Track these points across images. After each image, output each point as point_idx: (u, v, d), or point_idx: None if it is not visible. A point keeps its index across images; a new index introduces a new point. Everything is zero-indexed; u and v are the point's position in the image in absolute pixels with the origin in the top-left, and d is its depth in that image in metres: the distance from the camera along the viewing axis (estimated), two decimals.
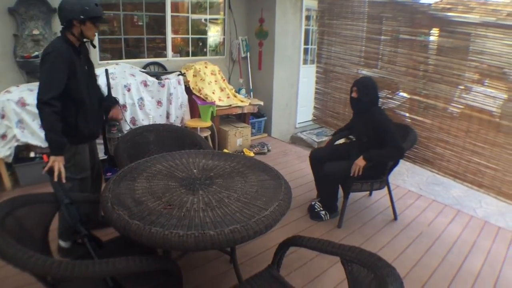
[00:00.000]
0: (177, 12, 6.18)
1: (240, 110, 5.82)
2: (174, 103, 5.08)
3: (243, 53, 6.71)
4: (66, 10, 2.62)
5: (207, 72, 5.65)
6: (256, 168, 2.61)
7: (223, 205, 2.06)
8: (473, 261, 3.45)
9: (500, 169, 3.53)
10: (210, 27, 6.72)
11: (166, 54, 5.95)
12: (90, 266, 1.55)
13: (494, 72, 3.51)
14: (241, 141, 5.75)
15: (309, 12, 7.21)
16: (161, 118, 5.04)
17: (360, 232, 3.75)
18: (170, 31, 5.88)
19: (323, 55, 5.14)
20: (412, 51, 4.07)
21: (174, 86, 5.08)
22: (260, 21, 6.61)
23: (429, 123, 3.96)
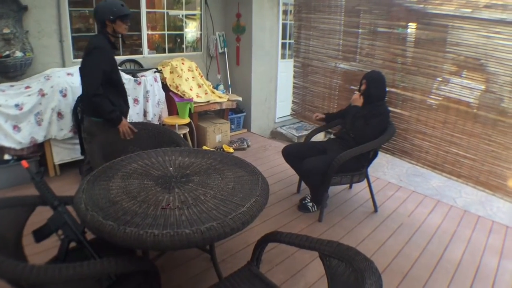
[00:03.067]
0: (154, 8, 6.10)
1: (219, 106, 5.78)
2: (151, 101, 5.01)
3: (221, 49, 6.67)
4: (99, 14, 3.19)
5: (184, 68, 5.59)
6: (233, 164, 2.58)
7: (199, 202, 2.04)
8: (453, 250, 3.50)
9: (478, 159, 3.57)
10: (187, 23, 6.66)
11: (142, 51, 5.87)
12: (63, 270, 1.50)
13: (471, 64, 3.54)
14: (220, 137, 5.72)
15: (286, 6, 7.20)
16: (138, 116, 4.97)
17: (341, 225, 3.76)
18: (145, 27, 5.80)
19: (300, 49, 5.13)
20: (389, 44, 4.09)
21: (150, 84, 5.01)
22: (237, 16, 6.57)
23: (407, 115, 3.99)
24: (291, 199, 4.20)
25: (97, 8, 3.23)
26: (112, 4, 3.19)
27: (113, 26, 3.24)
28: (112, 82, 3.30)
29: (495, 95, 3.41)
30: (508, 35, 3.25)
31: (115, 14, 3.18)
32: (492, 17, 3.34)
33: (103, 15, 3.18)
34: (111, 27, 3.24)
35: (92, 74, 3.13)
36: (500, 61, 3.33)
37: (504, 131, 3.37)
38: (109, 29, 3.25)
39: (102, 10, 3.19)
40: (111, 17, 3.18)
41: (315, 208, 3.92)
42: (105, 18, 3.18)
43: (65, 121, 4.35)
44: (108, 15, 3.17)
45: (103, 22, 3.21)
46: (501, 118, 3.38)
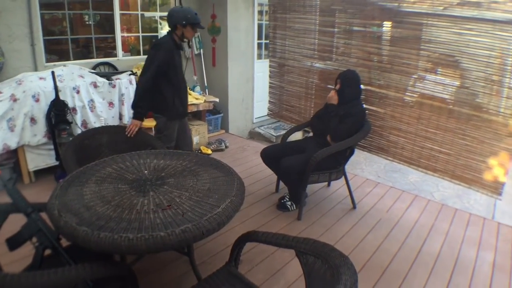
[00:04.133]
0: (128, 10, 6.04)
1: (196, 108, 5.75)
2: (126, 104, 4.96)
3: (196, 50, 6.65)
4: (173, 17, 3.54)
5: None
6: (209, 166, 2.58)
7: (174, 205, 2.02)
8: (432, 244, 3.56)
9: (453, 153, 3.64)
10: (163, 25, 6.61)
11: (116, 53, 5.81)
12: (37, 277, 1.47)
13: (444, 60, 3.61)
14: (198, 139, 5.69)
15: (261, 7, 7.22)
16: (114, 120, 4.91)
17: (319, 223, 3.79)
18: (119, 30, 5.73)
19: (276, 49, 5.14)
20: (364, 42, 4.14)
21: (125, 86, 4.96)
22: (212, 17, 6.56)
23: (382, 112, 4.04)
24: (270, 198, 4.21)
25: (172, 12, 3.58)
26: (187, 11, 3.56)
27: (182, 30, 3.57)
28: (169, 81, 3.63)
29: (469, 90, 3.48)
30: (479, 31, 3.32)
31: (188, 20, 3.52)
32: (463, 14, 3.41)
33: (176, 19, 3.52)
34: (180, 30, 3.57)
35: (148, 67, 3.49)
36: (472, 57, 3.40)
37: (477, 125, 3.45)
38: (178, 32, 3.59)
39: (176, 15, 3.53)
40: (184, 23, 3.52)
41: (294, 207, 3.94)
42: (178, 22, 3.52)
43: (39, 126, 4.27)
44: (181, 20, 3.51)
45: (175, 25, 3.55)
46: (475, 113, 3.45)
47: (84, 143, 3.29)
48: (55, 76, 4.24)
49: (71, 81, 4.51)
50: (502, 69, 3.28)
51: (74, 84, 4.50)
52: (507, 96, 3.26)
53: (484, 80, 3.35)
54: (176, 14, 3.54)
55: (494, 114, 3.36)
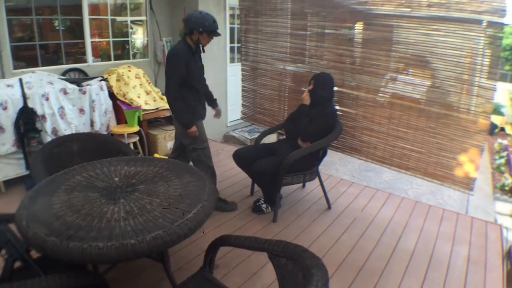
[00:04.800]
0: (99, 14, 5.96)
1: (169, 113, 5.67)
2: (97, 110, 4.89)
3: None
4: (191, 22, 3.46)
5: (131, 76, 5.49)
6: (180, 171, 2.56)
7: (145, 211, 2.00)
8: (407, 241, 3.62)
9: (424, 151, 3.72)
10: (134, 29, 6.54)
11: (86, 59, 5.72)
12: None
13: (413, 61, 3.68)
14: (172, 144, 5.63)
15: (233, 10, 7.22)
16: (85, 127, 4.84)
17: (295, 224, 3.81)
18: (89, 35, 5.65)
19: (249, 52, 5.15)
20: (336, 45, 4.19)
21: (96, 92, 4.89)
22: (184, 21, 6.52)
23: (353, 112, 4.09)
24: (245, 201, 4.21)
25: (190, 17, 3.51)
26: (205, 17, 3.49)
27: (199, 36, 3.51)
28: (188, 85, 3.58)
29: (440, 90, 3.55)
30: (446, 31, 3.40)
31: (205, 28, 3.47)
32: (430, 15, 3.48)
33: (194, 25, 3.45)
34: (196, 36, 3.52)
35: (171, 78, 3.50)
36: (440, 57, 3.48)
37: (447, 123, 3.53)
38: (194, 37, 3.53)
39: (194, 20, 3.46)
40: (201, 29, 3.46)
41: (269, 209, 3.94)
42: (195, 28, 3.46)
43: (7, 135, 4.17)
44: (199, 27, 3.45)
45: (192, 31, 3.49)
46: (446, 112, 3.52)
47: (54, 151, 3.22)
48: (23, 83, 4.17)
49: (40, 88, 4.42)
50: (472, 68, 3.36)
51: (43, 91, 4.41)
52: (478, 94, 3.34)
53: (455, 79, 3.43)
54: (194, 20, 3.48)
55: (465, 112, 3.44)
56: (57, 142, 3.38)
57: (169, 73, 3.51)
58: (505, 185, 6.88)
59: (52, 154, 3.15)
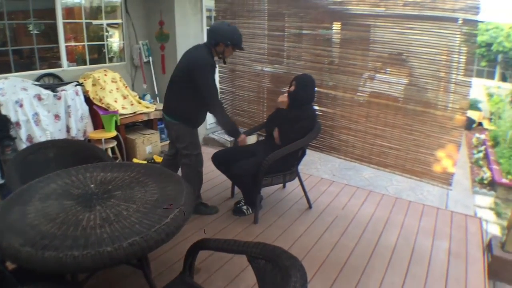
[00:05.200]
0: (74, 18, 5.86)
1: (146, 117, 5.67)
2: (73, 116, 4.83)
3: (145, 58, 6.53)
4: (219, 34, 3.50)
5: (107, 80, 5.43)
6: (157, 175, 2.54)
7: (122, 218, 1.98)
8: (388, 236, 3.67)
9: (402, 148, 3.78)
10: (110, 33, 6.47)
11: (61, 63, 5.62)
12: None
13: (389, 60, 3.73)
14: (150, 148, 5.62)
15: (210, 12, 7.19)
16: (61, 133, 4.76)
17: (276, 225, 3.81)
18: (63, 39, 5.55)
19: None
20: (314, 45, 4.22)
21: (72, 98, 4.82)
22: (160, 24, 6.47)
23: (332, 112, 4.12)
24: (226, 204, 4.20)
25: (218, 29, 3.56)
26: (234, 31, 3.58)
27: (224, 48, 3.57)
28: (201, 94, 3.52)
29: (417, 87, 3.60)
30: (420, 30, 3.45)
31: (233, 41, 3.56)
32: (405, 13, 3.53)
33: (222, 37, 3.50)
34: (222, 48, 3.56)
35: (212, 86, 3.53)
36: (416, 55, 3.53)
37: (424, 120, 3.59)
38: (218, 49, 3.57)
39: (223, 33, 3.51)
40: (229, 42, 3.53)
41: (250, 211, 3.94)
42: (223, 41, 3.51)
43: None
44: (227, 40, 3.51)
45: (218, 43, 3.52)
46: (423, 109, 3.57)
47: (28, 158, 3.15)
48: None
49: (13, 95, 4.34)
50: (448, 65, 3.41)
51: (16, 98, 4.33)
52: (454, 91, 3.39)
53: (431, 76, 3.49)
54: (222, 32, 3.52)
55: (441, 109, 3.49)
56: (32, 149, 3.33)
57: (206, 81, 3.47)
58: (484, 179, 7.00)
59: (27, 162, 3.10)
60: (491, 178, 6.96)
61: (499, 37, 11.14)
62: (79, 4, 5.84)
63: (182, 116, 3.62)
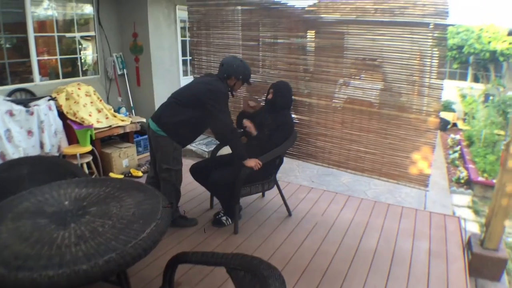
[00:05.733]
0: (46, 31, 5.78)
1: (122, 130, 5.60)
2: (47, 131, 4.75)
3: (120, 70, 6.49)
4: (233, 69, 3.70)
5: (81, 93, 5.36)
6: (133, 189, 2.51)
7: (97, 235, 1.95)
8: (369, 240, 3.71)
9: (378, 153, 3.83)
10: (83, 46, 6.41)
11: (33, 78, 5.53)
12: None
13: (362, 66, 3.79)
14: (127, 162, 5.56)
15: (184, 23, 7.19)
16: (34, 149, 4.67)
17: (257, 234, 3.81)
18: (35, 53, 5.47)
19: (201, 65, 5.12)
20: (289, 54, 4.25)
21: (45, 113, 4.75)
22: (134, 36, 6.45)
23: (307, 119, 4.15)
24: (205, 215, 4.17)
25: (232, 64, 3.72)
26: (247, 68, 3.79)
27: (235, 82, 3.76)
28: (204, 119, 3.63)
29: (390, 92, 3.65)
30: (391, 36, 3.51)
31: (245, 77, 3.78)
32: (376, 20, 3.59)
33: (235, 72, 3.70)
34: (233, 82, 3.75)
35: (226, 112, 3.64)
36: (388, 60, 3.60)
37: (398, 124, 3.65)
38: (229, 82, 3.74)
39: (237, 68, 3.70)
40: (241, 77, 3.74)
41: (229, 221, 3.93)
42: (235, 75, 3.71)
43: None
44: (239, 75, 3.72)
45: (230, 76, 3.70)
46: (397, 113, 3.64)
47: (1, 176, 3.09)
48: None
49: None
50: (421, 69, 3.47)
51: None
52: (428, 94, 3.46)
53: (405, 81, 3.55)
54: (236, 67, 3.70)
55: (415, 112, 3.55)
56: (5, 166, 3.27)
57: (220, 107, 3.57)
58: (461, 178, 7.11)
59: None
60: (468, 177, 7.08)
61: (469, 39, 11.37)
62: (51, 17, 5.77)
63: (174, 133, 3.59)
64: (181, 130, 3.60)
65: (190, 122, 3.59)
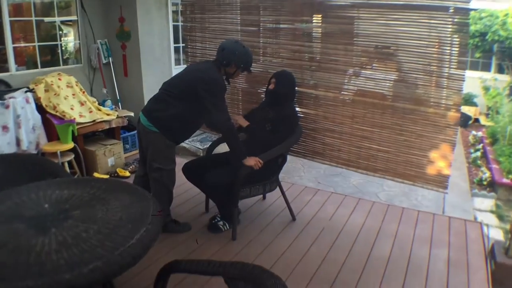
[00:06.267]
0: (22, 15, 5.77)
1: (107, 125, 5.61)
2: (24, 126, 4.75)
3: (105, 59, 6.50)
4: (234, 55, 3.61)
5: (61, 85, 5.36)
6: (120, 191, 2.51)
7: (81, 241, 1.94)
8: (381, 247, 3.71)
9: (392, 151, 3.82)
10: (64, 31, 6.40)
11: (8, 67, 5.53)
12: None
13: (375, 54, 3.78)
14: (113, 161, 5.56)
15: (176, 6, 7.20)
16: (10, 147, 4.68)
17: (257, 241, 3.83)
18: (10, 39, 5.47)
19: (196, 53, 5.14)
20: (293, 40, 4.26)
21: (22, 106, 4.75)
22: (121, 21, 6.45)
23: (314, 113, 4.14)
24: (200, 219, 4.19)
25: (235, 51, 3.62)
26: (250, 55, 3.73)
27: (235, 70, 3.72)
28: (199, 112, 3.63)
29: (405, 83, 3.65)
30: (408, 21, 3.49)
31: (247, 65, 3.73)
32: (391, 3, 3.58)
33: (238, 59, 3.63)
34: (232, 70, 3.71)
35: (222, 103, 3.64)
36: (402, 48, 3.58)
37: (414, 119, 3.64)
38: (230, 70, 3.71)
39: (240, 55, 3.63)
40: (242, 65, 3.69)
41: (227, 227, 3.94)
42: (237, 62, 3.64)
43: None
44: (241, 63, 3.66)
45: (231, 63, 3.63)
46: (413, 107, 3.63)
47: None
48: None
49: None
50: (440, 58, 3.46)
51: None
52: (447, 86, 3.44)
53: (422, 71, 3.53)
54: (238, 54, 3.62)
55: (433, 106, 3.54)
56: None
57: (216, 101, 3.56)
58: (483, 180, 7.10)
59: None
60: (491, 179, 7.07)
61: (493, 25, 11.31)
62: (28, 0, 5.75)
63: (167, 128, 3.59)
64: (174, 126, 3.60)
65: (184, 116, 3.59)
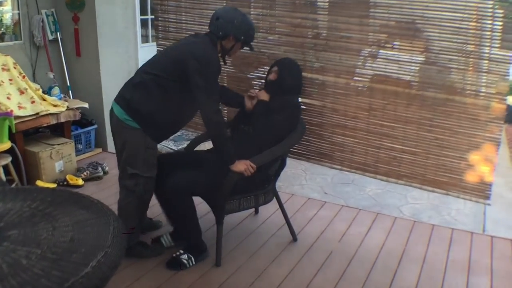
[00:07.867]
0: None
1: (55, 119, 5.55)
2: None
3: (51, 35, 6.44)
4: (232, 25, 3.55)
5: None
6: (71, 204, 2.49)
7: (20, 270, 1.91)
8: (406, 275, 3.71)
9: (420, 152, 3.82)
10: None
11: None
12: None
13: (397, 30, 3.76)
14: (62, 165, 5.53)
15: None
16: None
17: (248, 267, 3.81)
18: None
19: (168, 27, 5.13)
20: (293, 12, 4.24)
21: None
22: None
23: (319, 105, 4.12)
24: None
25: (233, 19, 3.58)
26: (251, 26, 3.74)
27: (233, 44, 3.67)
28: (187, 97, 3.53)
29: (435, 67, 3.63)
30: None
31: (248, 37, 3.70)
32: None
33: (236, 29, 3.58)
34: (230, 44, 3.67)
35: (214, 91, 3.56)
36: (432, 22, 3.56)
37: (447, 111, 3.63)
38: (225, 44, 3.67)
39: (238, 25, 3.57)
40: (242, 38, 3.64)
41: (192, 262, 3.75)
42: (236, 33, 3.59)
43: None
44: (241, 35, 3.62)
45: (228, 35, 3.58)
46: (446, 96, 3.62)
47: None
48: None
49: None
50: (478, 35, 3.45)
51: None
52: (488, 70, 3.43)
53: (456, 51, 3.53)
54: (237, 24, 3.58)
55: (472, 95, 3.54)
56: None
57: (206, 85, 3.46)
58: None
59: None
60: None
61: None
62: None
63: (149, 123, 3.56)
64: (160, 119, 3.58)
65: (174, 105, 3.59)
